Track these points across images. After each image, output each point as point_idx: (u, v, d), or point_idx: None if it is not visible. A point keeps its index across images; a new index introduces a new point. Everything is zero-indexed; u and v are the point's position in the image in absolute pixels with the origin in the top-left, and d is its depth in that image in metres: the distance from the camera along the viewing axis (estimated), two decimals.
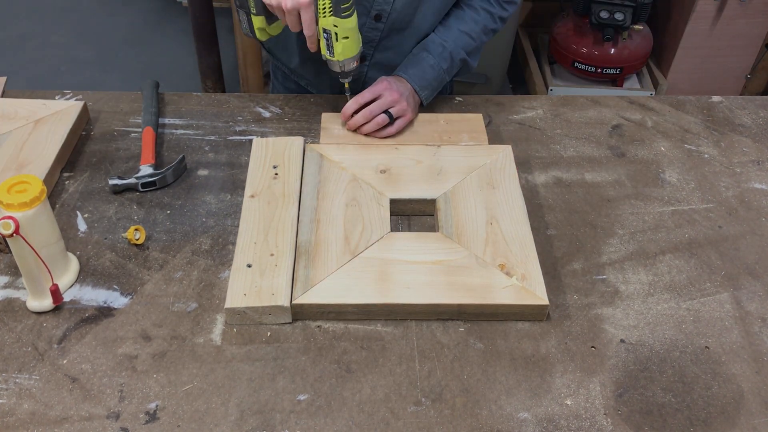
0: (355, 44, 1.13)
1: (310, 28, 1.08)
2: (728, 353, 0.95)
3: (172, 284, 1.01)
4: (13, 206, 0.87)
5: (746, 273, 1.06)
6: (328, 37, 1.11)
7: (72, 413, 0.85)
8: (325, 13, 1.07)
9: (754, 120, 1.39)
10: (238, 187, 1.17)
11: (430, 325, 0.96)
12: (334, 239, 1.03)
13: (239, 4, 1.14)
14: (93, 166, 1.21)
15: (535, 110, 1.38)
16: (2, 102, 1.29)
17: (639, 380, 0.91)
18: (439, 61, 1.28)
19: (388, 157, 1.19)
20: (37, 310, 0.96)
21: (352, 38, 1.12)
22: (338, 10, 1.07)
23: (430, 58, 1.28)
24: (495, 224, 1.06)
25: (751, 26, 2.54)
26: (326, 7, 1.07)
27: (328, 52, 1.13)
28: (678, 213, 1.16)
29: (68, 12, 3.67)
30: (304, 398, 0.87)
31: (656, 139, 1.32)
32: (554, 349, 0.94)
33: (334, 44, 1.11)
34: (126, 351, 0.92)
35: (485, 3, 1.31)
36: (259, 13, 1.13)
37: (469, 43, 1.31)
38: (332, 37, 1.10)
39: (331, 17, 1.08)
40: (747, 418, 0.87)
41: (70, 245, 1.06)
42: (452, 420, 0.85)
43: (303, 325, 0.96)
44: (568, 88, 2.70)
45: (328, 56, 1.14)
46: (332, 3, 1.06)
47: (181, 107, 1.35)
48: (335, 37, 1.10)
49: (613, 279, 1.04)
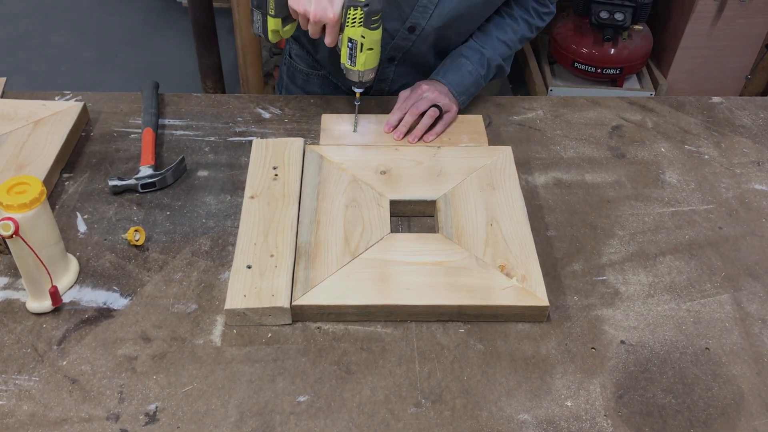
0: (377, 56, 1.13)
1: (333, 40, 1.10)
2: (728, 354, 0.95)
3: (171, 285, 1.01)
4: (12, 207, 0.87)
5: (746, 274, 1.06)
6: (352, 47, 1.10)
7: (72, 415, 0.85)
8: (355, 23, 1.07)
9: (754, 121, 1.39)
10: (237, 188, 1.17)
11: (430, 326, 0.96)
12: (334, 240, 1.03)
13: (256, 4, 1.13)
14: (93, 167, 1.21)
15: (535, 111, 1.38)
16: (2, 102, 1.29)
17: (639, 381, 0.91)
18: (477, 68, 1.29)
19: (388, 158, 1.19)
20: (36, 311, 0.95)
21: (376, 50, 1.12)
22: (369, 21, 1.07)
23: (468, 64, 1.29)
24: (495, 225, 1.06)
25: (751, 26, 2.54)
26: (357, 18, 1.07)
27: (350, 62, 1.13)
28: (678, 214, 1.16)
29: (68, 12, 3.67)
30: (304, 399, 0.87)
31: (656, 140, 1.32)
32: (554, 351, 0.94)
33: (357, 54, 1.11)
34: (126, 352, 0.92)
35: (525, 14, 1.32)
36: (277, 15, 1.13)
37: (505, 51, 1.33)
38: (357, 47, 1.10)
39: (360, 27, 1.08)
40: (747, 420, 0.87)
41: (70, 246, 1.06)
42: (452, 421, 0.85)
43: (303, 326, 0.96)
44: (568, 88, 2.69)
45: (348, 65, 1.14)
46: (364, 14, 1.06)
47: (181, 108, 1.35)
48: (360, 48, 1.10)
49: (614, 280, 1.04)
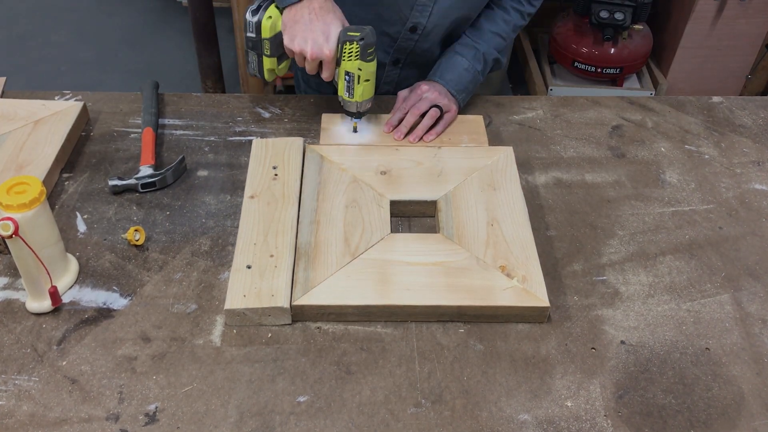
0: (373, 86, 1.16)
1: (330, 75, 1.12)
2: (729, 355, 0.95)
3: (171, 285, 1.01)
4: (12, 207, 0.87)
5: (747, 274, 1.06)
6: (350, 80, 1.13)
7: (71, 415, 0.85)
8: (351, 57, 1.09)
9: (754, 120, 1.39)
10: (237, 187, 1.17)
11: (430, 326, 0.96)
12: (334, 240, 1.03)
13: (251, 46, 1.16)
14: (93, 167, 1.21)
15: (535, 111, 1.38)
16: (2, 102, 1.29)
17: (639, 382, 0.91)
18: (474, 64, 1.29)
19: (389, 159, 1.19)
20: (36, 311, 0.95)
21: (372, 81, 1.14)
22: (365, 54, 1.09)
23: (464, 61, 1.29)
24: (496, 226, 1.06)
25: (751, 26, 2.54)
26: (353, 52, 1.09)
27: (347, 94, 1.15)
28: (678, 214, 1.16)
29: (68, 12, 3.67)
30: (304, 400, 0.87)
31: (656, 140, 1.32)
32: (554, 351, 0.94)
33: (355, 86, 1.13)
34: (125, 352, 0.92)
35: (515, 2, 1.31)
36: (273, 55, 1.16)
37: (500, 43, 1.32)
38: (354, 79, 1.12)
39: (357, 61, 1.10)
40: (747, 420, 0.87)
41: (70, 246, 1.05)
42: (452, 421, 0.85)
43: (303, 326, 0.96)
44: (568, 88, 2.69)
45: (346, 98, 1.16)
46: (360, 47, 1.08)
47: (180, 108, 1.35)
48: (357, 80, 1.12)
49: (614, 280, 1.04)
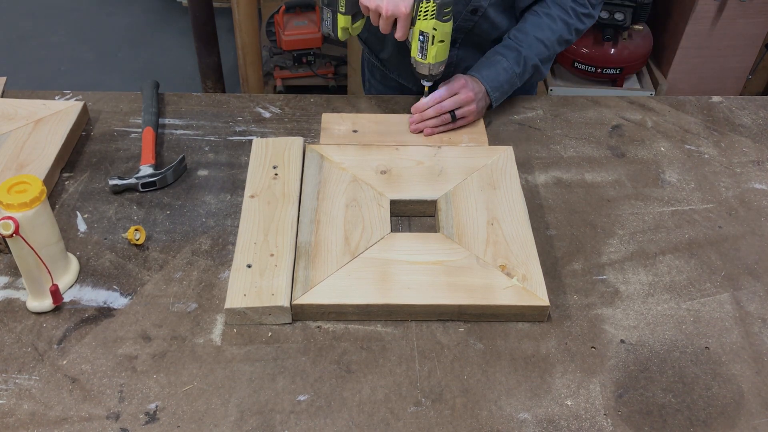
0: (447, 48, 1.14)
1: (404, 34, 1.11)
2: (728, 354, 0.95)
3: (172, 284, 1.01)
4: (13, 206, 0.87)
5: (746, 273, 1.06)
6: (424, 40, 1.11)
7: (72, 414, 0.85)
8: (427, 16, 1.08)
9: (754, 120, 1.39)
10: (238, 187, 1.17)
11: (430, 325, 0.96)
12: (334, 240, 1.03)
13: (327, 2, 1.14)
14: (93, 167, 1.21)
15: (535, 110, 1.38)
16: (2, 102, 1.29)
17: (639, 381, 0.91)
18: (513, 65, 1.29)
19: (389, 158, 1.19)
20: (36, 310, 0.96)
21: (447, 42, 1.13)
22: (441, 13, 1.08)
23: (504, 60, 1.29)
24: (496, 225, 1.06)
25: (751, 26, 2.54)
26: (429, 10, 1.07)
27: (420, 55, 1.13)
28: (678, 213, 1.16)
29: (68, 12, 3.67)
30: (304, 399, 0.87)
31: (656, 140, 1.32)
32: (554, 350, 0.94)
33: (428, 47, 1.12)
34: (126, 351, 0.92)
35: (564, 14, 1.32)
36: (347, 13, 1.15)
37: (543, 51, 1.32)
38: (428, 39, 1.11)
39: (432, 20, 1.08)
40: (747, 419, 0.87)
41: (70, 245, 1.06)
42: (452, 420, 0.85)
43: (303, 325, 0.96)
44: (568, 88, 2.69)
45: (419, 59, 1.14)
46: (436, 6, 1.07)
47: (181, 107, 1.35)
48: (431, 40, 1.11)
49: (613, 279, 1.04)
